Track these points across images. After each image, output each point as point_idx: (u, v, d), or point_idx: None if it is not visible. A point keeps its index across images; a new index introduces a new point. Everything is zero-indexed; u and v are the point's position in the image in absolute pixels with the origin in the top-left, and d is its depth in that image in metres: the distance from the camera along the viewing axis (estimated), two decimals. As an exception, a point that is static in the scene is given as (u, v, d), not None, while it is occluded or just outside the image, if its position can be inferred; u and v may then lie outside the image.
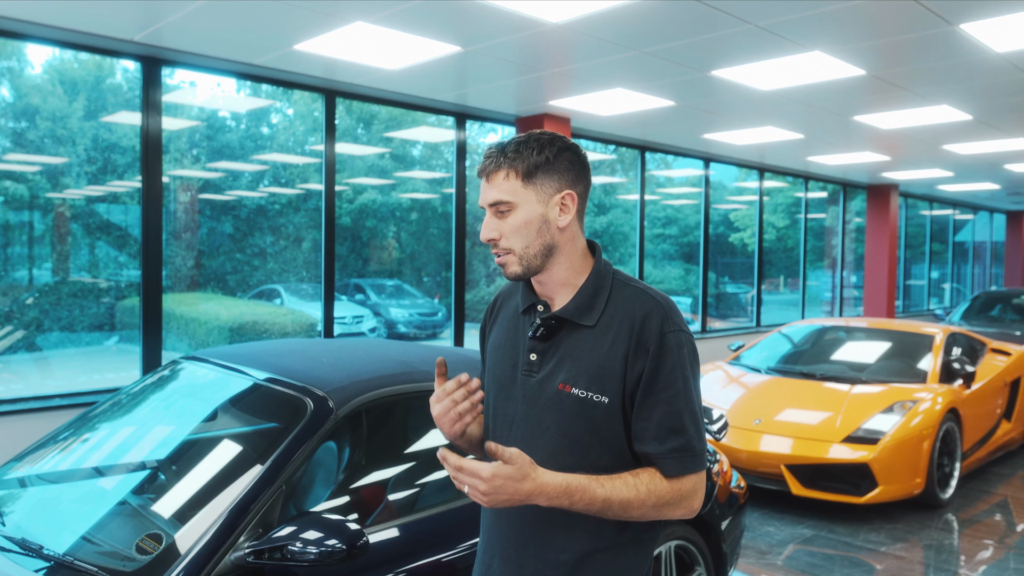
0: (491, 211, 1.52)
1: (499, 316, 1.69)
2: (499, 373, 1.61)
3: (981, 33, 4.16)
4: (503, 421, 1.59)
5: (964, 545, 4.58)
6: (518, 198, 1.49)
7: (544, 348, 1.54)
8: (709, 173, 9.50)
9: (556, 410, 1.49)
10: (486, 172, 1.51)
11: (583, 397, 1.48)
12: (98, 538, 2.16)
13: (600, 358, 1.48)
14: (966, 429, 5.52)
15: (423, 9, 3.84)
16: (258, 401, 2.63)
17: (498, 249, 1.52)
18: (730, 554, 3.35)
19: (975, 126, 6.95)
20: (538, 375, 1.53)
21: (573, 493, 1.40)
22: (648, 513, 1.45)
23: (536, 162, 1.48)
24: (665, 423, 1.46)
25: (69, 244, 9.84)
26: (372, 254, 14.43)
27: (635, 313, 1.49)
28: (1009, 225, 17.83)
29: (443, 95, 5.96)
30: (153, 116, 4.73)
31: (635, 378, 1.47)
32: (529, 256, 1.50)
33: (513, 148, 1.50)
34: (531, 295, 1.60)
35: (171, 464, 2.45)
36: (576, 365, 1.49)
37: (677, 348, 1.48)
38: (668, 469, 1.46)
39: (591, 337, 1.50)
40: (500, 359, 1.62)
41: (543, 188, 1.50)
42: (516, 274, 1.52)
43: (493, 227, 1.51)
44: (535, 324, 1.54)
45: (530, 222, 1.49)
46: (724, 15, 3.88)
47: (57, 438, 2.77)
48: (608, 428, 1.48)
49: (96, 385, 4.95)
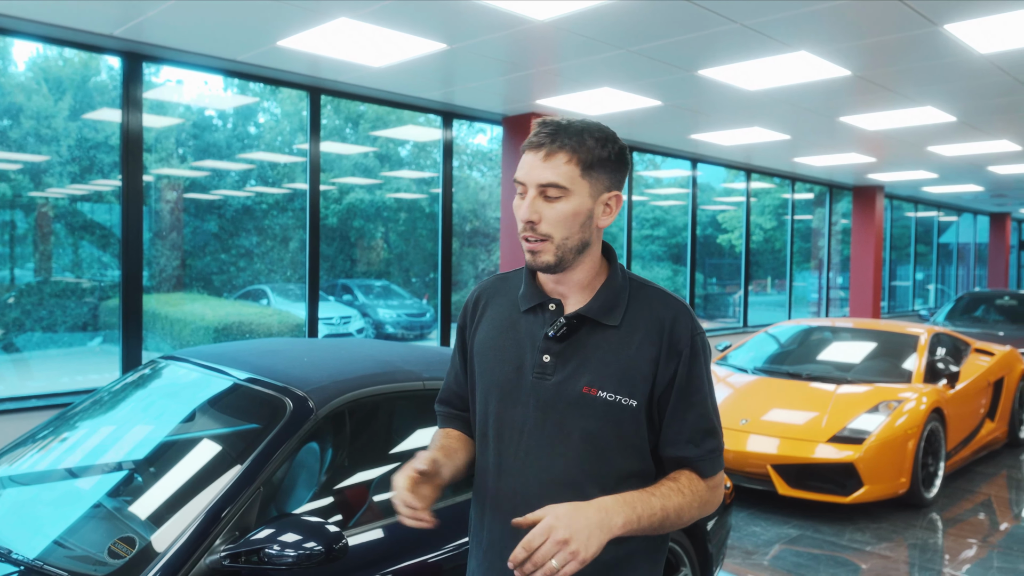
0: (536, 191, 1.41)
1: (485, 315, 1.59)
2: (500, 377, 1.51)
3: (965, 34, 4.18)
4: (511, 429, 1.49)
5: (948, 544, 4.59)
6: (575, 186, 1.40)
7: (561, 349, 1.45)
8: (696, 174, 9.51)
9: (580, 414, 1.42)
10: (545, 148, 1.40)
11: (611, 400, 1.41)
12: (70, 542, 2.12)
13: (627, 360, 1.42)
14: (950, 429, 5.54)
15: (407, 5, 3.81)
16: (238, 401, 2.59)
17: (534, 234, 1.41)
18: (716, 554, 3.34)
19: (959, 128, 6.99)
20: (553, 378, 1.44)
21: (635, 505, 1.35)
22: (695, 516, 1.44)
23: (600, 156, 1.41)
24: (700, 426, 1.45)
25: (52, 243, 9.73)
26: (360, 254, 14.37)
27: (663, 315, 1.45)
28: (992, 227, 17.99)
29: (430, 93, 5.92)
30: (134, 113, 4.67)
31: (665, 381, 1.43)
32: (566, 248, 1.42)
33: (576, 133, 1.40)
34: (538, 293, 1.51)
35: (148, 465, 2.41)
36: (602, 367, 1.43)
37: (704, 351, 1.48)
38: (705, 470, 1.45)
39: (616, 338, 1.44)
40: (499, 362, 1.52)
41: (597, 183, 1.42)
42: (547, 264, 1.43)
43: (536, 209, 1.41)
44: (558, 323, 1.45)
45: (578, 214, 1.41)
46: (710, 14, 3.87)
47: (32, 439, 2.72)
48: (634, 432, 1.44)
49: (78, 386, 4.89)
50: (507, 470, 1.48)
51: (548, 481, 1.44)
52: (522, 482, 1.46)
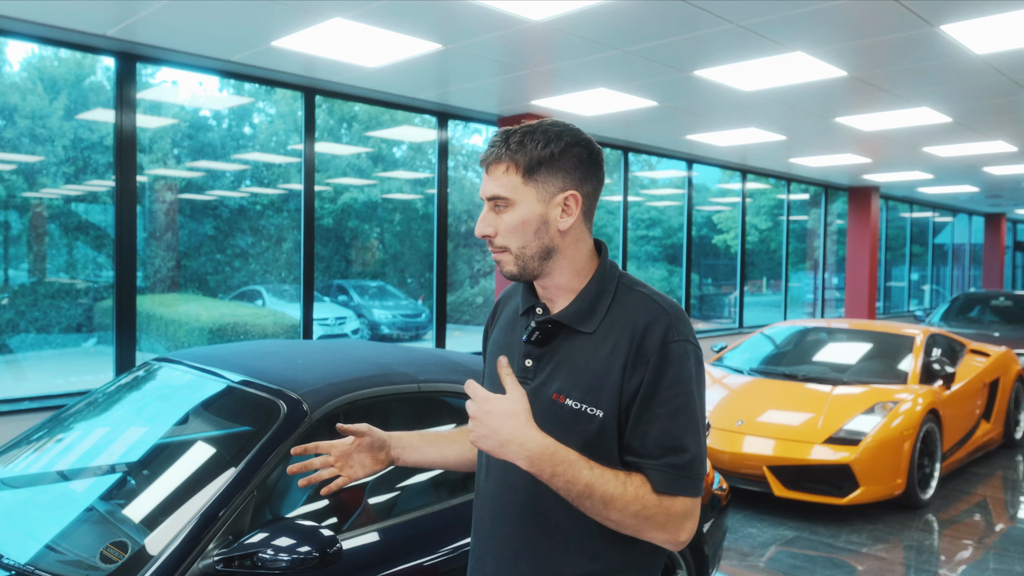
0: (488, 205, 1.42)
1: (500, 317, 1.60)
2: (494, 378, 1.51)
3: (961, 34, 4.18)
4: None
5: (944, 545, 4.59)
6: (517, 195, 1.38)
7: (540, 353, 1.44)
8: (692, 174, 9.51)
9: (549, 421, 1.37)
10: (487, 163, 1.41)
11: (577, 409, 1.37)
12: (62, 546, 2.10)
13: (596, 368, 1.37)
14: (946, 430, 5.54)
15: (402, 6, 3.80)
16: (231, 404, 2.58)
17: (494, 247, 1.43)
18: (712, 556, 3.33)
19: (954, 128, 7.00)
20: (532, 382, 1.43)
21: (558, 462, 1.27)
22: (627, 520, 1.31)
23: (539, 157, 1.36)
24: (662, 441, 1.33)
25: (46, 244, 9.69)
26: (355, 255, 14.35)
27: (638, 320, 1.37)
28: (987, 227, 18.04)
29: (425, 94, 5.91)
30: (127, 113, 4.64)
31: (632, 390, 1.35)
32: (526, 257, 1.40)
33: (517, 139, 1.38)
34: (531, 296, 1.51)
35: (141, 468, 2.39)
36: (572, 374, 1.39)
37: (681, 359, 1.35)
38: (657, 483, 1.32)
39: (589, 345, 1.39)
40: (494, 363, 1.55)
41: (545, 187, 1.38)
42: (512, 274, 1.43)
43: (489, 222, 1.41)
44: (530, 327, 1.45)
45: (527, 222, 1.38)
46: (706, 14, 3.86)
47: (25, 442, 2.70)
48: (601, 444, 1.36)
49: (72, 387, 4.86)
50: (491, 472, 1.50)
51: (520, 486, 1.42)
52: (500, 484, 1.47)
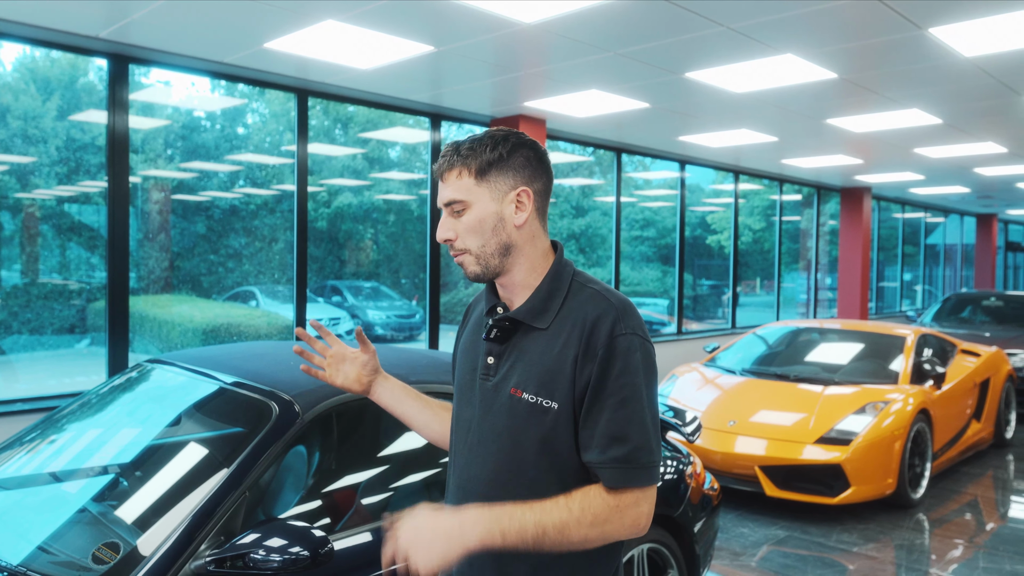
0: (447, 211, 1.49)
1: (469, 322, 1.67)
2: (460, 377, 1.61)
3: (950, 37, 4.21)
4: (461, 426, 1.57)
5: (935, 545, 4.62)
6: (472, 196, 1.46)
7: (500, 351, 1.51)
8: (685, 175, 9.54)
9: (508, 416, 1.46)
10: (440, 172, 1.49)
11: (533, 402, 1.43)
12: (54, 547, 2.10)
13: (549, 362, 1.43)
14: (937, 429, 5.57)
15: (394, 8, 3.81)
16: (223, 405, 2.58)
17: (455, 250, 1.50)
18: (703, 556, 3.35)
19: (945, 130, 7.04)
20: (493, 379, 1.50)
21: (500, 518, 1.32)
22: (590, 535, 1.35)
23: (489, 159, 1.45)
24: (608, 431, 1.38)
25: (39, 245, 9.66)
26: (349, 256, 14.34)
27: (587, 315, 1.43)
28: (979, 228, 18.13)
29: (418, 95, 5.92)
30: (120, 114, 4.64)
31: (583, 384, 1.40)
32: (486, 255, 1.47)
33: (468, 146, 1.47)
34: (493, 297, 1.57)
35: (133, 470, 2.40)
36: (527, 369, 1.46)
37: (627, 352, 1.40)
38: (607, 479, 1.37)
39: (543, 340, 1.46)
40: (462, 363, 1.61)
41: (497, 185, 1.46)
42: (476, 274, 1.50)
43: (449, 227, 1.49)
44: (488, 324, 1.53)
45: (484, 220, 1.46)
46: (697, 17, 3.88)
47: (17, 443, 2.70)
48: (557, 436, 1.42)
49: (65, 389, 4.85)
50: (458, 466, 1.56)
51: (482, 479, 1.49)
52: (465, 478, 1.53)
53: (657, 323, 12.55)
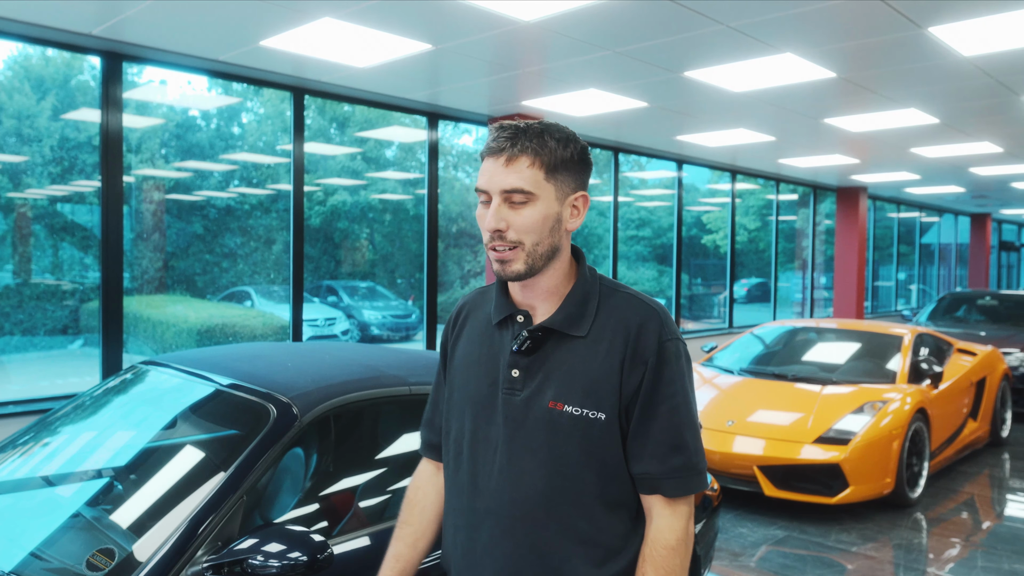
0: (501, 198, 1.35)
1: (465, 328, 1.55)
2: (475, 393, 1.47)
3: (949, 36, 4.20)
4: (485, 447, 1.44)
5: (933, 544, 4.62)
6: (540, 191, 1.35)
7: (528, 363, 1.40)
8: (682, 175, 9.53)
9: (547, 431, 1.36)
10: (506, 154, 1.34)
11: (577, 415, 1.36)
12: (47, 553, 2.07)
13: (594, 371, 1.37)
14: (934, 429, 5.57)
15: (392, 6, 3.78)
16: (220, 408, 2.55)
17: (503, 242, 1.35)
18: (704, 557, 3.33)
19: (942, 129, 7.04)
20: (522, 393, 1.39)
21: None
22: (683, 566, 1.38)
23: (563, 157, 1.36)
24: (665, 439, 1.36)
25: (31, 245, 9.60)
26: (345, 255, 14.30)
27: (630, 321, 1.38)
28: (973, 227, 18.17)
29: (415, 94, 5.89)
30: (113, 113, 4.60)
31: (631, 391, 1.36)
32: (536, 255, 1.36)
33: (537, 135, 1.35)
34: (508, 305, 1.46)
35: (128, 474, 2.36)
36: (568, 380, 1.37)
37: (676, 358, 1.39)
38: (669, 489, 1.36)
39: (582, 348, 1.38)
40: (474, 376, 1.48)
41: (563, 185, 1.38)
42: (518, 273, 1.37)
43: (502, 216, 1.35)
44: (522, 337, 1.40)
45: (548, 218, 1.36)
46: (696, 15, 3.86)
47: (10, 446, 2.66)
48: (604, 448, 1.37)
49: (58, 390, 4.81)
50: (482, 489, 1.43)
51: (519, 501, 1.39)
52: (496, 502, 1.41)
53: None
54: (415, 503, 1.65)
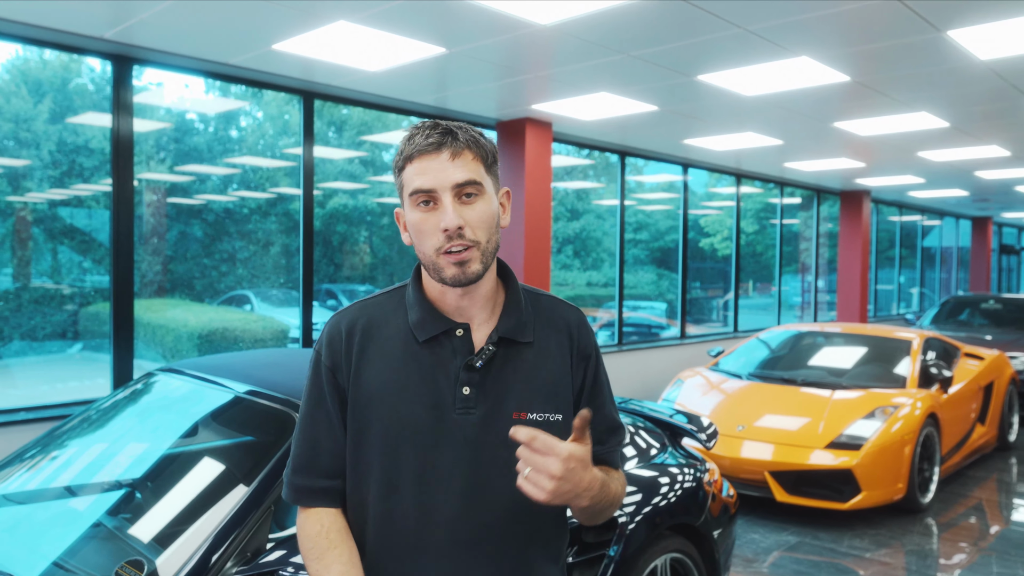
0: (453, 194, 1.26)
1: (368, 351, 1.35)
2: (410, 420, 1.32)
3: (968, 40, 4.18)
4: (436, 475, 1.32)
5: (947, 549, 4.60)
6: (485, 184, 1.30)
7: (480, 379, 1.32)
8: (687, 179, 9.52)
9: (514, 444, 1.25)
10: (450, 149, 1.27)
11: (541, 420, 1.33)
12: (71, 563, 2.03)
13: (551, 374, 1.37)
14: (944, 433, 5.56)
15: (410, 8, 3.74)
16: (240, 415, 2.51)
17: (463, 241, 1.26)
18: (723, 564, 3.30)
19: (951, 133, 7.03)
20: (477, 411, 1.31)
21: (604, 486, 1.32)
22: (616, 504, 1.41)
23: (492, 151, 1.34)
24: (605, 424, 1.45)
25: (30, 249, 9.54)
26: (344, 259, 14.26)
27: (568, 320, 1.44)
28: (974, 231, 18.20)
29: (423, 98, 5.86)
30: (124, 117, 4.55)
31: (579, 387, 1.43)
32: (488, 253, 1.29)
33: (466, 131, 1.31)
34: (440, 318, 1.34)
35: (154, 483, 2.32)
36: (527, 387, 1.34)
37: (599, 349, 1.51)
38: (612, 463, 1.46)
39: (532, 354, 1.36)
40: (405, 402, 1.32)
41: (495, 180, 1.35)
42: (477, 273, 1.28)
43: (460, 212, 1.27)
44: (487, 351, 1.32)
45: (494, 214, 1.31)
46: (715, 18, 3.84)
47: (29, 455, 2.62)
48: None
49: (59, 394, 4.75)
50: (438, 520, 1.32)
51: (489, 522, 1.33)
52: (462, 527, 1.32)
53: (656, 326, 12.53)
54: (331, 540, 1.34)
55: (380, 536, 1.34)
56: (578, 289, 13.53)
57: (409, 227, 1.33)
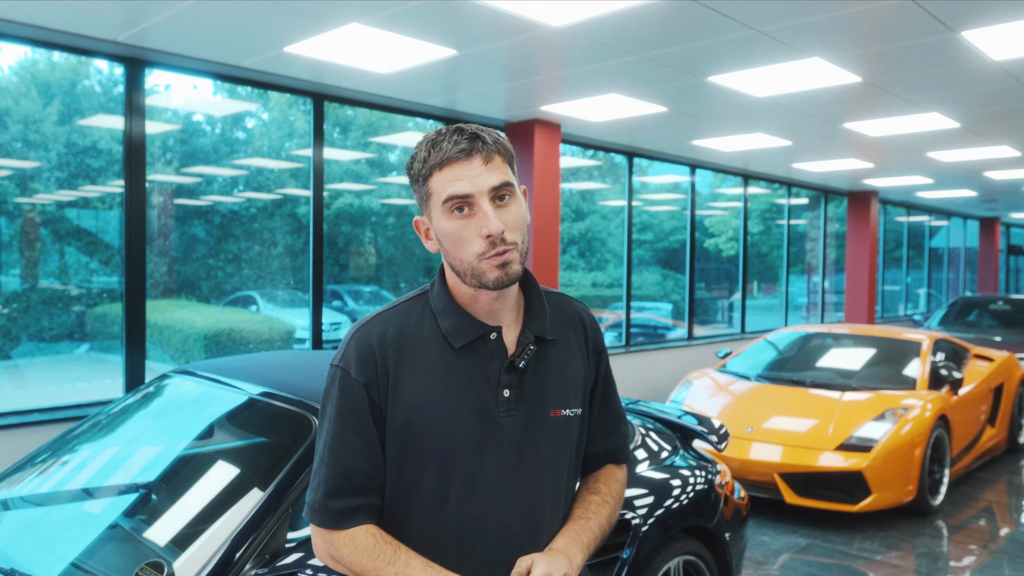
0: (489, 198, 1.26)
1: (402, 365, 1.31)
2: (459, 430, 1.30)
3: (981, 40, 4.17)
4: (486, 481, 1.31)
5: (958, 552, 4.58)
6: (515, 185, 1.32)
7: (517, 380, 1.33)
8: (695, 180, 9.51)
9: (551, 441, 1.35)
10: (481, 154, 1.26)
11: (571, 415, 1.40)
12: (89, 564, 2.03)
13: (573, 370, 1.42)
14: (954, 435, 5.54)
15: (423, 10, 3.74)
16: (255, 417, 2.52)
17: (505, 244, 1.25)
18: (735, 566, 3.30)
19: (961, 134, 7.01)
20: (519, 412, 1.33)
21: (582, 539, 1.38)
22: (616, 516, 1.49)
23: (511, 152, 1.34)
24: (619, 414, 1.54)
25: (39, 250, 9.58)
26: (349, 260, 14.28)
27: (580, 315, 1.47)
28: (982, 231, 18.14)
29: (432, 99, 5.86)
30: (136, 119, 4.57)
31: (593, 380, 1.48)
32: (524, 253, 1.29)
33: (490, 134, 1.31)
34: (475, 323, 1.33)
35: (167, 486, 2.33)
36: (559, 385, 1.38)
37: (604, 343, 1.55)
38: (623, 456, 1.55)
39: (556, 351, 1.40)
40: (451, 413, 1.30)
41: (518, 181, 1.36)
42: (518, 273, 1.28)
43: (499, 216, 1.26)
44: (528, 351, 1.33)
45: (525, 214, 1.32)
46: (728, 20, 3.83)
47: (46, 457, 2.62)
48: (580, 439, 1.45)
49: (68, 395, 4.76)
50: (490, 527, 1.32)
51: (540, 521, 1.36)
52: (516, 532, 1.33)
53: (661, 327, 12.51)
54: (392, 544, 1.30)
55: (426, 548, 1.30)
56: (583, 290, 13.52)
57: (442, 235, 1.30)
